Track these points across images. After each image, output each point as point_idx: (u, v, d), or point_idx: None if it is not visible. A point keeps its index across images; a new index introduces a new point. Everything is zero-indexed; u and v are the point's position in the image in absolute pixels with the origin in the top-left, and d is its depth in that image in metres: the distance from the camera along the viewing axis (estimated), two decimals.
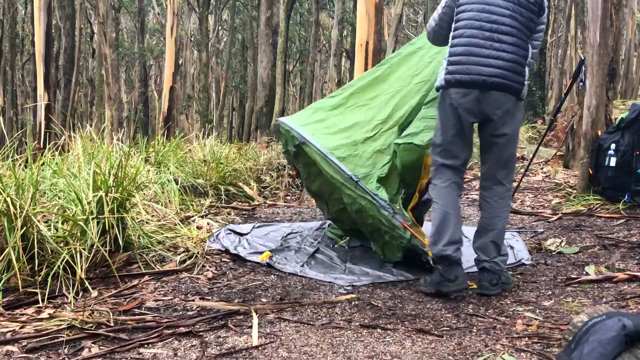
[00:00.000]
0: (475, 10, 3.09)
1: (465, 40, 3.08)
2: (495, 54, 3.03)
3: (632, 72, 21.65)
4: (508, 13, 3.07)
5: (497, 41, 3.04)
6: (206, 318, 2.76)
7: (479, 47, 3.05)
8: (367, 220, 3.64)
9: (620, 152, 5.04)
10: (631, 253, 3.80)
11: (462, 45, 3.08)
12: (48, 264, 3.16)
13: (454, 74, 3.07)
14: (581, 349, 1.94)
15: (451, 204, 3.14)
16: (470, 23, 3.09)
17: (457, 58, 3.08)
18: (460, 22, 3.14)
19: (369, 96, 3.97)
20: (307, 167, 4.10)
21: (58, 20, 17.42)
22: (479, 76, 3.02)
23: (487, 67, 3.01)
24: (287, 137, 4.00)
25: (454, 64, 3.08)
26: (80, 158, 4.38)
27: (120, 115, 15.69)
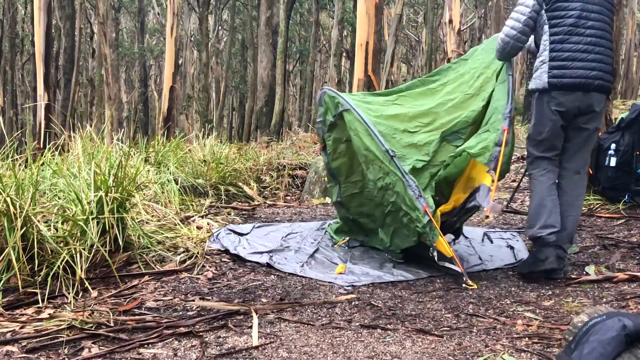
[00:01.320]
0: (576, 17, 3.33)
1: (569, 45, 3.34)
2: (598, 57, 3.34)
3: (632, 72, 21.66)
4: (601, 17, 3.38)
5: (597, 45, 3.34)
6: (206, 318, 2.76)
7: (584, 52, 3.32)
8: (390, 198, 3.65)
9: (620, 152, 5.04)
10: (631, 253, 3.80)
11: (567, 51, 3.34)
12: (48, 264, 3.16)
13: (559, 78, 3.34)
14: (581, 349, 1.94)
15: (546, 191, 3.42)
16: (572, 29, 3.34)
17: (562, 63, 3.34)
18: (561, 27, 3.36)
19: (416, 102, 4.04)
20: (337, 142, 4.15)
21: (58, 20, 17.42)
22: (585, 79, 3.31)
23: (591, 70, 3.32)
24: (329, 105, 4.04)
25: (559, 68, 3.34)
26: (80, 158, 4.37)
27: (120, 115, 15.69)
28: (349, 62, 22.92)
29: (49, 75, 10.24)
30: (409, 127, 3.84)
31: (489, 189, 3.44)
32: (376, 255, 3.95)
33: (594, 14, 3.35)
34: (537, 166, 3.50)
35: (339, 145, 4.13)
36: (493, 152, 3.40)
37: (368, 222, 4.19)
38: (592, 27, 3.33)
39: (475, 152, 3.47)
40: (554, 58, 3.36)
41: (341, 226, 4.38)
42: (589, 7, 3.34)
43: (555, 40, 3.36)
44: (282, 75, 14.30)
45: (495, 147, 3.41)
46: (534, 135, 3.50)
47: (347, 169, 4.17)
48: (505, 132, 3.42)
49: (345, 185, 4.24)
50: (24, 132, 10.75)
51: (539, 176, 3.47)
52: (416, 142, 3.78)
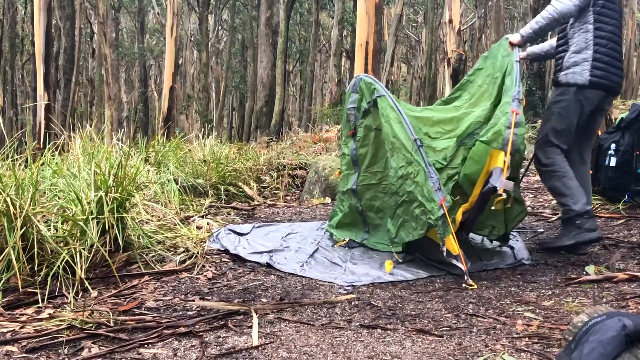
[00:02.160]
0: (616, 25, 3.70)
1: (611, 51, 3.67)
2: (622, 65, 3.77)
3: (632, 72, 21.65)
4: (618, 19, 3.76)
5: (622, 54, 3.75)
6: (206, 318, 2.76)
7: (619, 60, 3.72)
8: (408, 187, 3.66)
9: (620, 152, 5.04)
10: (631, 253, 3.80)
11: (609, 56, 3.66)
12: (48, 264, 3.16)
13: (600, 78, 3.66)
14: (581, 349, 1.94)
15: (569, 170, 3.74)
16: (613, 36, 3.68)
17: (604, 65, 3.66)
18: (605, 32, 3.67)
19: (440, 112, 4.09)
20: (368, 129, 4.19)
21: (58, 20, 17.42)
22: (617, 85, 3.74)
23: (621, 78, 3.75)
24: (365, 91, 4.09)
25: (602, 69, 3.66)
26: (80, 158, 4.37)
27: (120, 115, 15.69)
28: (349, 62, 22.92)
29: (49, 75, 10.23)
30: (431, 131, 3.88)
31: (501, 169, 3.45)
32: (376, 255, 3.95)
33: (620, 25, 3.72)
34: (554, 151, 3.76)
35: (369, 132, 4.18)
36: (505, 136, 3.44)
37: (374, 217, 4.20)
38: (621, 37, 3.70)
39: (488, 139, 3.50)
40: (597, 59, 3.64)
41: (342, 218, 4.36)
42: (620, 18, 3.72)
43: (599, 43, 3.65)
44: (282, 75, 14.30)
45: (507, 130, 3.44)
46: (559, 125, 3.74)
47: (371, 158, 4.22)
48: (514, 114, 3.44)
49: (364, 175, 4.27)
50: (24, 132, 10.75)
51: (561, 161, 3.74)
52: (434, 147, 3.82)
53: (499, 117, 3.56)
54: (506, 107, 3.53)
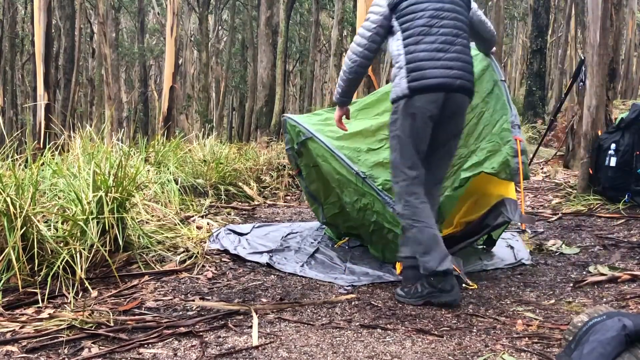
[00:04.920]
0: (428, 17, 3.10)
1: (423, 46, 3.07)
2: (456, 56, 3.09)
3: (632, 72, 21.66)
4: (455, 16, 3.16)
5: (453, 44, 3.10)
6: (206, 318, 2.76)
7: (440, 51, 3.07)
8: (371, 218, 3.63)
9: (620, 152, 5.04)
10: (631, 253, 3.81)
11: (423, 51, 3.07)
12: (48, 264, 3.16)
13: (418, 80, 3.05)
14: (581, 349, 1.94)
15: (430, 219, 3.06)
16: (425, 29, 3.09)
17: (419, 64, 3.06)
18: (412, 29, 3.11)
19: (377, 112, 3.95)
20: (307, 167, 4.17)
21: (58, 20, 17.42)
22: (445, 79, 3.04)
23: (450, 69, 3.06)
24: (292, 133, 4.04)
25: (417, 70, 3.06)
26: (80, 158, 4.37)
27: (120, 115, 15.69)
28: None
29: (49, 75, 10.23)
30: (373, 144, 3.72)
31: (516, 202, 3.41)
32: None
33: (447, 12, 3.12)
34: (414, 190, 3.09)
35: (310, 170, 4.15)
36: (513, 166, 3.33)
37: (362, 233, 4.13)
38: (446, 26, 3.10)
39: (496, 170, 3.38)
40: (410, 61, 3.07)
41: (338, 234, 4.37)
42: (441, 7, 3.13)
43: (409, 43, 3.09)
44: (282, 75, 14.30)
45: (514, 159, 3.34)
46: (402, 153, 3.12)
47: (324, 191, 4.19)
48: (518, 142, 3.36)
49: (326, 207, 4.27)
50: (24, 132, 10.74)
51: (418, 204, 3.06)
52: (382, 160, 3.64)
53: (498, 144, 3.43)
54: (506, 135, 3.40)
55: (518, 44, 31.41)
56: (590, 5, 5.50)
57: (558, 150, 7.88)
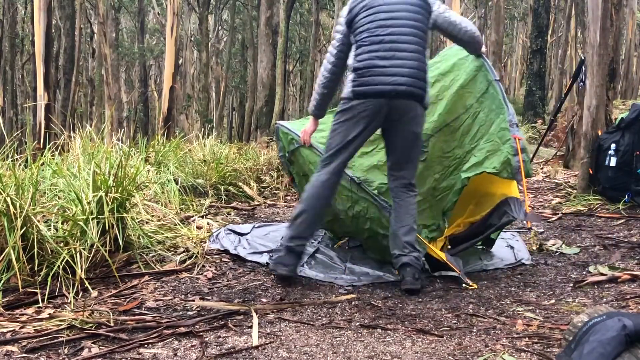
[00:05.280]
0: (375, 27, 3.24)
1: (369, 55, 3.22)
2: (400, 62, 3.19)
3: (632, 72, 21.65)
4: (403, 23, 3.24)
5: (399, 51, 3.20)
6: (206, 318, 2.76)
7: (384, 59, 3.19)
8: (365, 225, 3.62)
9: (620, 152, 5.05)
10: (631, 253, 3.81)
11: (367, 59, 3.22)
12: (48, 264, 3.16)
13: (361, 86, 3.21)
14: (581, 349, 1.94)
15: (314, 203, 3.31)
16: (372, 39, 3.23)
17: (363, 71, 3.22)
18: (361, 37, 3.27)
19: None
20: (299, 176, 4.15)
21: (58, 20, 17.42)
22: (386, 85, 3.17)
23: (393, 76, 3.17)
24: (284, 141, 4.03)
25: (360, 76, 3.23)
26: (80, 158, 4.37)
27: (120, 115, 15.69)
28: None
29: (49, 75, 10.22)
30: (366, 147, 3.70)
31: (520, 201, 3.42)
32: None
33: (396, 20, 3.23)
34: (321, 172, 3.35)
35: (301, 179, 4.09)
36: (514, 165, 3.37)
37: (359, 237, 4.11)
38: (393, 34, 3.21)
39: (497, 169, 3.41)
40: (355, 68, 3.26)
41: (337, 235, 4.36)
42: (390, 16, 3.24)
43: (358, 52, 3.28)
44: (282, 75, 14.29)
45: (515, 158, 3.37)
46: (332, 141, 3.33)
47: None
48: (518, 140, 3.38)
49: None
50: (24, 132, 10.74)
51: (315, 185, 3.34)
52: (376, 163, 3.67)
53: (497, 143, 3.45)
54: (505, 134, 3.43)
55: (518, 44, 31.41)
56: (590, 5, 5.50)
57: (558, 150, 7.88)
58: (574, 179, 6.21)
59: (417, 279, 3.21)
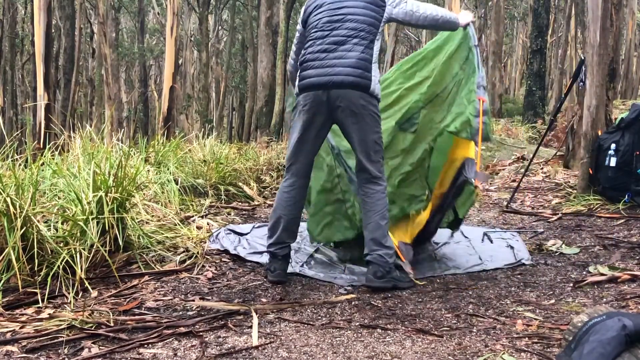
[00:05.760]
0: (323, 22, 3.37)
1: (311, 49, 3.36)
2: (341, 54, 3.27)
3: (632, 72, 21.67)
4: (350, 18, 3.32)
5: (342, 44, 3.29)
6: (206, 318, 2.76)
7: (325, 52, 3.30)
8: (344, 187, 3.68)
9: (620, 152, 5.04)
10: (631, 253, 3.81)
11: (310, 54, 3.35)
12: (48, 264, 3.16)
13: (303, 80, 3.34)
14: (581, 349, 1.94)
15: (286, 208, 3.38)
16: (319, 34, 3.36)
17: (305, 65, 3.35)
18: (310, 37, 3.42)
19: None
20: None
21: (58, 20, 17.42)
22: (323, 77, 3.26)
23: (332, 67, 3.25)
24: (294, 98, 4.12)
25: (303, 70, 3.36)
26: (80, 158, 4.37)
27: (120, 115, 15.69)
28: None
29: (49, 75, 10.23)
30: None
31: (474, 160, 3.40)
32: None
33: (342, 16, 3.33)
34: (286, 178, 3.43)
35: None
36: (474, 125, 3.35)
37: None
38: (338, 29, 3.31)
39: (457, 129, 3.42)
40: (300, 63, 3.40)
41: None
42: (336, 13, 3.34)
43: (305, 48, 3.43)
44: (282, 75, 14.28)
45: (475, 119, 3.35)
46: (289, 142, 3.44)
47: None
48: (481, 102, 3.36)
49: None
50: (24, 132, 10.74)
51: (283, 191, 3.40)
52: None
53: (464, 105, 3.46)
54: (472, 95, 3.43)
55: (518, 44, 31.42)
56: (590, 5, 5.50)
57: (558, 150, 7.88)
58: (574, 179, 6.21)
59: (380, 277, 3.20)
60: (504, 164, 8.39)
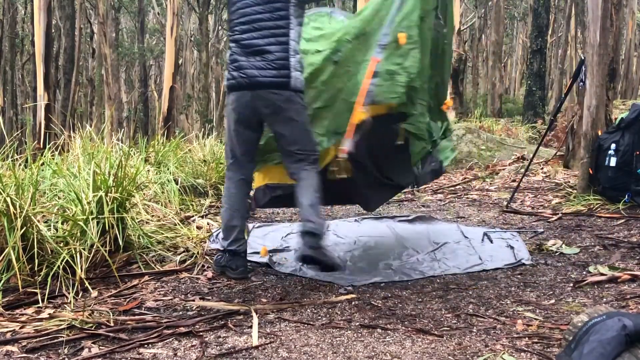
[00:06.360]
0: (238, 23, 3.34)
1: (235, 48, 3.34)
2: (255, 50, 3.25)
3: (632, 72, 21.67)
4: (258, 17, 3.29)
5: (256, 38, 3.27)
6: (206, 318, 2.76)
7: (246, 47, 3.29)
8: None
9: (620, 152, 5.04)
10: (631, 253, 3.81)
11: (230, 55, 3.35)
12: (48, 264, 3.16)
13: (228, 80, 3.36)
14: (581, 349, 1.94)
15: (237, 203, 3.41)
16: (236, 35, 3.35)
17: (231, 65, 3.34)
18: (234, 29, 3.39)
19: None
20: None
21: (58, 20, 17.42)
22: (240, 78, 3.27)
23: (247, 69, 3.25)
24: None
25: (230, 70, 3.35)
26: (80, 158, 4.38)
27: (120, 115, 15.69)
28: None
29: (49, 75, 10.24)
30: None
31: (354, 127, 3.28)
32: (376, 255, 3.95)
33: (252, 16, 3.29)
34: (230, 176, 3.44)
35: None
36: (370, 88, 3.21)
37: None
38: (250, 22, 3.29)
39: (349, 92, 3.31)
40: (229, 62, 3.37)
41: None
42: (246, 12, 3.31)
43: (230, 46, 3.40)
44: None
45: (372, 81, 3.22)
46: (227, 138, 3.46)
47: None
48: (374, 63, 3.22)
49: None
50: (24, 132, 10.74)
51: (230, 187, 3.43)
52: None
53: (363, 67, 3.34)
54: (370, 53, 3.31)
55: (518, 44, 31.42)
56: (590, 5, 5.50)
57: (558, 150, 7.88)
58: (574, 179, 6.21)
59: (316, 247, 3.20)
60: (504, 164, 8.39)
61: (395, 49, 3.32)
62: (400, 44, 3.31)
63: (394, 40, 3.30)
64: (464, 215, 5.30)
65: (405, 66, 3.29)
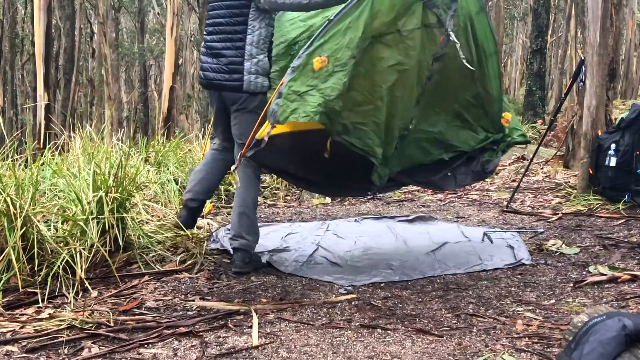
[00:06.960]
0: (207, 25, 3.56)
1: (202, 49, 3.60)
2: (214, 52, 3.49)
3: (632, 72, 21.65)
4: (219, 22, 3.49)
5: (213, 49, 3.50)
6: (206, 318, 2.76)
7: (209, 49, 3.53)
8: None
9: (620, 152, 5.04)
10: (631, 253, 3.81)
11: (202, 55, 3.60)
12: (48, 264, 3.16)
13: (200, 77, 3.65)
14: (581, 349, 1.94)
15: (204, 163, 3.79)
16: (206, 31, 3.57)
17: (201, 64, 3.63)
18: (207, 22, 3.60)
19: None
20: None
21: (58, 20, 17.40)
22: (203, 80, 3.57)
23: (206, 71, 3.54)
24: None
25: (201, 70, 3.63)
26: (80, 158, 4.37)
27: (120, 115, 15.68)
28: None
29: (49, 75, 10.22)
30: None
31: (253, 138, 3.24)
32: (376, 255, 3.95)
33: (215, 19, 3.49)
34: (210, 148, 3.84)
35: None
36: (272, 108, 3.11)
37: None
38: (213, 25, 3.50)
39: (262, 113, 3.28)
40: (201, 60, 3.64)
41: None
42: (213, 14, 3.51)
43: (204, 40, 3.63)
44: None
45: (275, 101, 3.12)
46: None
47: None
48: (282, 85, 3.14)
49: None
50: (24, 132, 10.74)
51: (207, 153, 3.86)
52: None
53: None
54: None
55: (518, 44, 31.40)
56: (590, 5, 5.50)
57: (558, 150, 7.87)
58: (574, 179, 6.21)
59: (247, 262, 3.53)
60: (504, 164, 8.38)
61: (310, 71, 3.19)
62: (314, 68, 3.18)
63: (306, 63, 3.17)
64: (464, 215, 5.30)
65: (320, 88, 3.15)
